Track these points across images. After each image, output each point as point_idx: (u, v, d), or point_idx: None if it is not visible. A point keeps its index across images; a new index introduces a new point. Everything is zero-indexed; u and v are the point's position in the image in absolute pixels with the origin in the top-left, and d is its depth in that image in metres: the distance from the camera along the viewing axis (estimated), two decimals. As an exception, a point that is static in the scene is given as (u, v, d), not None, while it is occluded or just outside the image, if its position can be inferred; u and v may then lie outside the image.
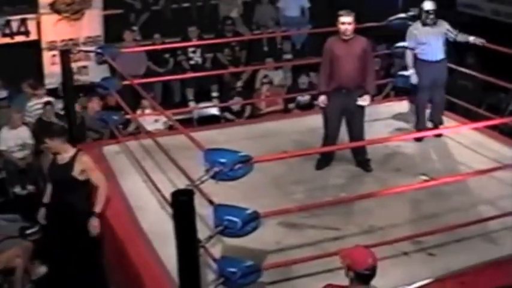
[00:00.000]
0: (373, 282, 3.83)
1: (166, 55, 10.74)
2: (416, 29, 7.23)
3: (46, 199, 6.01)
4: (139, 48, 9.98)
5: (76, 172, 5.73)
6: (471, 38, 7.15)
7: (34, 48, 10.13)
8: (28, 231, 6.60)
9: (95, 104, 8.95)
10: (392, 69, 10.31)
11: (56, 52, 9.52)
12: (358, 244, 4.05)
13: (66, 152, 5.79)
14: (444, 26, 7.19)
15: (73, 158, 5.75)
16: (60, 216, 5.87)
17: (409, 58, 7.34)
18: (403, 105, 8.33)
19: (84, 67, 10.37)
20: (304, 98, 10.05)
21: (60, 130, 6.01)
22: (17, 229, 6.62)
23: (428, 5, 7.15)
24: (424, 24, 7.17)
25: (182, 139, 5.16)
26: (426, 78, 7.19)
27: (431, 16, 7.12)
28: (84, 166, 5.74)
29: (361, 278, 3.75)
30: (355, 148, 6.62)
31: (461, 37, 7.17)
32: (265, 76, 10.41)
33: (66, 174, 5.73)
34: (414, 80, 7.27)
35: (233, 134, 7.50)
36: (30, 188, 8.69)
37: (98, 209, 5.69)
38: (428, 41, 7.13)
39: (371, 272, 3.75)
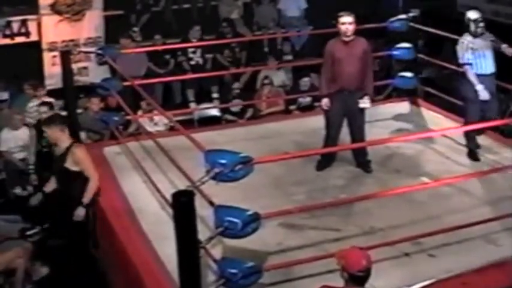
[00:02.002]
0: (374, 283, 3.83)
1: (167, 56, 10.74)
2: (470, 43, 6.67)
3: (46, 188, 6.17)
4: (140, 49, 9.98)
5: (69, 163, 5.85)
6: (503, 46, 6.78)
7: (34, 49, 10.12)
8: (28, 233, 6.59)
9: (94, 105, 8.95)
10: (392, 70, 10.30)
11: (56, 53, 9.52)
12: (355, 245, 4.04)
13: (63, 143, 5.92)
14: (489, 36, 6.77)
15: (67, 150, 5.86)
16: (58, 206, 6.04)
17: (471, 74, 6.65)
18: (404, 106, 8.34)
19: (85, 68, 10.36)
20: (305, 99, 10.04)
21: (57, 118, 6.18)
22: (17, 230, 6.60)
23: (474, 14, 6.70)
24: (475, 35, 6.67)
25: (183, 140, 5.17)
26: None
27: (481, 24, 6.67)
28: (75, 158, 5.84)
29: (354, 279, 3.73)
30: (355, 149, 6.63)
31: (503, 46, 6.75)
32: (266, 77, 10.40)
33: (61, 165, 5.88)
34: (486, 96, 6.61)
35: (234, 135, 7.50)
36: (31, 189, 8.68)
37: (85, 199, 5.82)
38: (485, 54, 6.66)
39: (365, 274, 3.74)
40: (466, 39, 6.72)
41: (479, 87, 6.62)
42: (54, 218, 6.25)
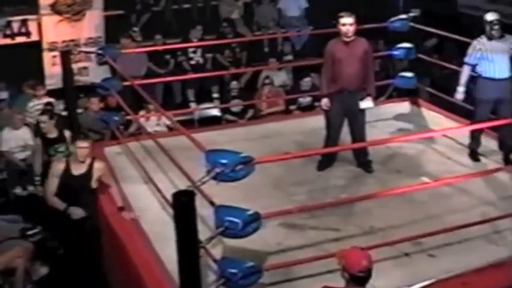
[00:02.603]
0: (374, 283, 3.83)
1: (167, 56, 10.75)
2: (481, 44, 6.56)
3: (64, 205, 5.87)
4: (140, 49, 9.98)
5: (93, 181, 5.86)
6: None
7: (35, 49, 10.12)
8: (29, 232, 6.59)
9: (94, 105, 8.95)
10: (392, 70, 10.30)
11: (56, 53, 9.52)
12: (355, 245, 4.04)
13: (88, 159, 5.85)
14: (510, 41, 6.56)
15: (90, 167, 5.83)
16: (71, 224, 5.88)
17: (464, 75, 6.70)
18: (405, 106, 8.34)
19: (85, 68, 10.37)
20: (306, 99, 10.04)
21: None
22: (17, 230, 6.60)
23: (491, 16, 6.55)
24: (490, 38, 6.53)
25: (183, 140, 5.16)
26: (489, 95, 6.57)
27: (496, 27, 6.50)
28: (101, 172, 5.89)
29: (355, 279, 3.73)
30: (356, 149, 6.63)
31: None
32: (267, 77, 10.40)
33: (85, 185, 5.82)
34: (459, 97, 6.77)
35: (234, 135, 7.51)
36: (31, 189, 8.68)
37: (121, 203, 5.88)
38: (494, 58, 6.50)
39: (366, 274, 3.73)
40: (478, 41, 6.64)
41: (460, 90, 6.77)
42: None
